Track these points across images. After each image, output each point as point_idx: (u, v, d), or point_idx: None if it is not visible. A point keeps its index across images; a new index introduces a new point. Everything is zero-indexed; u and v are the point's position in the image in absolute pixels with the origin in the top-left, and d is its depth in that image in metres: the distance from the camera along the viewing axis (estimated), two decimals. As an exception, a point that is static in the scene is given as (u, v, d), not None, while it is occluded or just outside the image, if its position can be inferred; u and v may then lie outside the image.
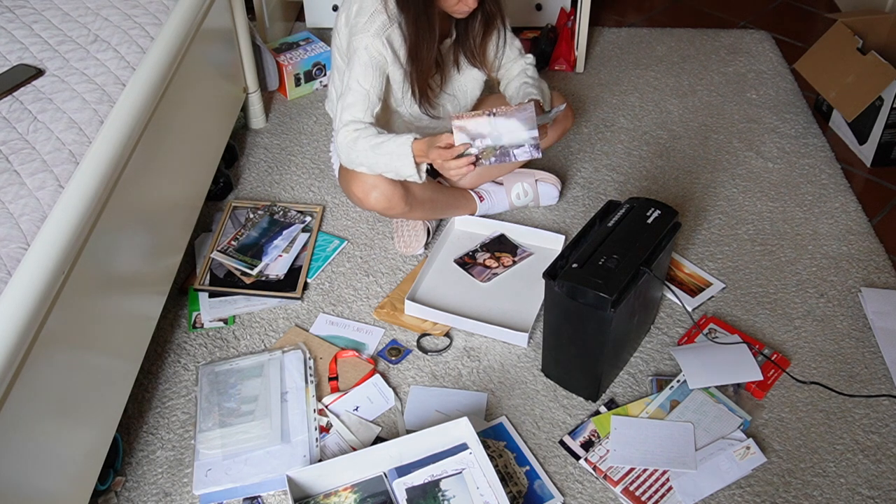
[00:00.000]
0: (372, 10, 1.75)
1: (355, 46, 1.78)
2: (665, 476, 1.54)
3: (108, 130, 1.48)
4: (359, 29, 1.77)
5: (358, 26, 1.77)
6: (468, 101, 2.03)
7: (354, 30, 1.78)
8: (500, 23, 1.91)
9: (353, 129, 1.78)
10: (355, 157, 1.79)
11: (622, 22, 3.02)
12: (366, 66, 1.77)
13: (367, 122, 1.79)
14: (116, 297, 1.50)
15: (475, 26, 1.89)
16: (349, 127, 1.79)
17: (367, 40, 1.75)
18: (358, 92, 1.78)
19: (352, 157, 1.80)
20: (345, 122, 1.79)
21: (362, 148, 1.77)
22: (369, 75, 1.77)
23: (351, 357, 1.78)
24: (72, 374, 1.31)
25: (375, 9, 1.75)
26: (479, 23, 1.89)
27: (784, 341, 1.81)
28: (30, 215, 1.30)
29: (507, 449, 1.60)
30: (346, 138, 1.78)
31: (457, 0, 1.72)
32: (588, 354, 1.61)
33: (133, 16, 1.81)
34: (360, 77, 1.78)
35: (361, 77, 1.78)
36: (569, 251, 1.63)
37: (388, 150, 1.75)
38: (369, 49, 1.76)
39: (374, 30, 1.75)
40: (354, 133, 1.78)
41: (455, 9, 1.75)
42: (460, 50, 1.92)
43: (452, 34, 1.89)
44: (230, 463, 1.55)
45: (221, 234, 2.06)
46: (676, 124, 2.48)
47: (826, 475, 1.56)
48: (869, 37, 2.34)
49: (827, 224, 2.11)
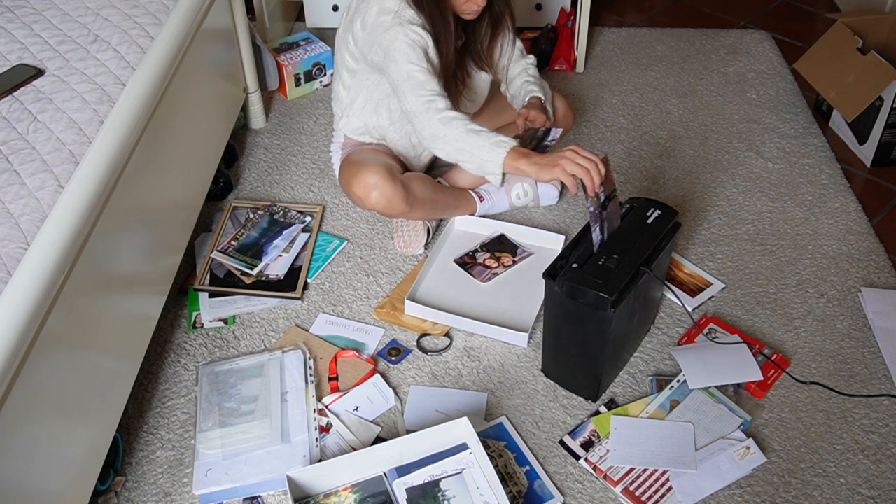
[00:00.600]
0: (396, 9, 1.75)
1: (390, 40, 1.74)
2: (665, 476, 1.54)
3: (108, 130, 1.48)
4: (388, 25, 1.74)
5: (385, 24, 1.75)
6: (481, 98, 2.06)
7: (382, 27, 1.75)
8: (508, 21, 1.91)
9: (444, 105, 1.71)
10: (442, 138, 1.71)
11: (622, 22, 3.02)
12: (413, 48, 1.73)
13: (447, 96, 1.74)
14: (116, 297, 1.50)
15: (482, 29, 1.90)
16: (437, 102, 1.71)
17: (404, 30, 1.73)
18: (420, 71, 1.73)
19: (437, 136, 1.71)
20: (427, 97, 1.71)
21: (456, 128, 1.69)
22: (419, 56, 1.73)
23: (351, 357, 1.78)
24: (72, 374, 1.31)
25: (399, 6, 1.75)
26: (486, 25, 1.90)
27: (784, 341, 1.81)
28: (30, 215, 1.30)
29: (507, 449, 1.60)
30: (439, 115, 1.70)
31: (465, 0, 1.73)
32: (588, 354, 1.61)
33: (133, 16, 1.81)
34: (413, 60, 1.73)
35: (415, 59, 1.73)
36: (569, 251, 1.63)
37: (484, 140, 1.67)
38: (409, 35, 1.73)
39: (406, 20, 1.74)
40: (449, 112, 1.71)
41: (464, 8, 1.75)
42: (468, 54, 1.93)
43: (462, 38, 1.90)
44: (230, 463, 1.55)
45: (221, 234, 2.06)
46: (676, 124, 2.48)
47: (826, 475, 1.56)
48: (869, 37, 2.34)
49: (827, 224, 2.11)
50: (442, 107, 1.72)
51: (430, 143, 1.75)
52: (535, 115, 1.90)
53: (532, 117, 1.90)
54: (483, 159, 1.67)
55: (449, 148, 1.72)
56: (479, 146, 1.67)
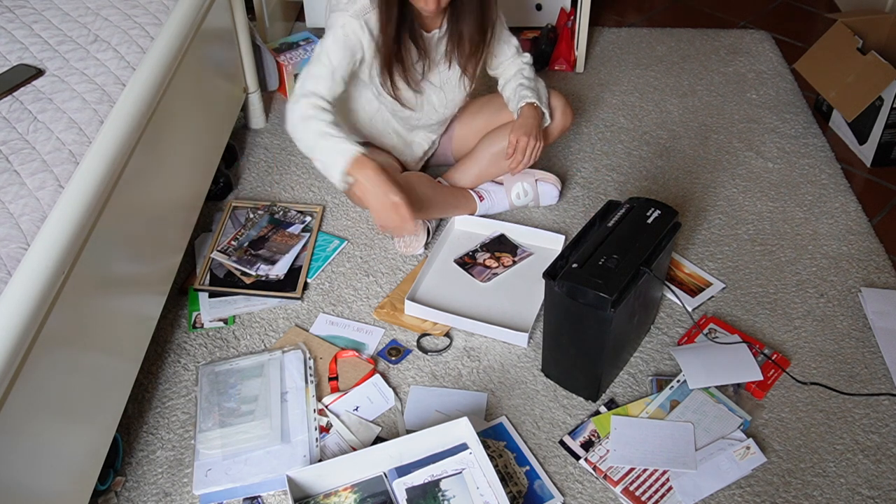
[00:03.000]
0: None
1: (332, 22, 1.77)
2: (665, 476, 1.54)
3: (108, 130, 1.48)
4: (340, 7, 1.77)
5: (339, 5, 1.77)
6: (457, 98, 2.01)
7: (336, 7, 1.78)
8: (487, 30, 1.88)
9: (311, 106, 1.74)
10: (299, 131, 1.75)
11: (622, 22, 3.02)
12: (339, 42, 1.76)
13: (327, 100, 1.77)
14: (116, 297, 1.51)
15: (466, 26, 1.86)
16: (310, 100, 1.75)
17: (345, 19, 1.75)
18: (326, 66, 1.77)
19: (297, 129, 1.76)
20: (307, 91, 1.76)
21: (312, 129, 1.73)
22: (339, 53, 1.76)
23: (351, 357, 1.78)
24: (72, 374, 1.31)
25: None
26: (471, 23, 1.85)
27: (784, 341, 1.81)
28: (30, 215, 1.30)
29: (507, 449, 1.60)
30: (303, 111, 1.74)
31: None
32: (588, 354, 1.61)
33: (133, 16, 1.81)
34: (330, 51, 1.76)
35: (332, 52, 1.76)
36: (569, 251, 1.63)
37: (331, 146, 1.72)
38: (345, 27, 1.75)
39: (353, 10, 1.75)
40: (312, 111, 1.74)
41: (419, 5, 1.74)
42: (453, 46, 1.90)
43: (443, 27, 1.87)
44: (230, 463, 1.55)
45: (221, 234, 2.06)
46: (676, 124, 2.48)
47: (826, 475, 1.56)
48: (869, 37, 2.34)
49: (827, 224, 2.11)
50: (310, 105, 1.74)
51: (290, 131, 1.79)
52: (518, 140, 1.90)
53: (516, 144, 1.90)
54: (328, 163, 1.73)
55: (298, 143, 1.78)
56: (328, 150, 1.72)
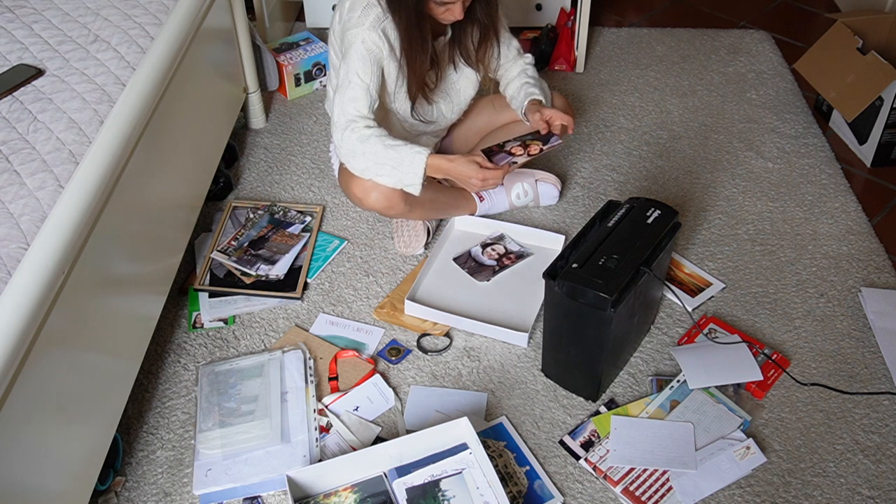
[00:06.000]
0: (365, 4, 1.75)
1: (351, 40, 1.76)
2: (665, 476, 1.54)
3: (108, 130, 1.48)
4: (353, 23, 1.76)
5: (352, 21, 1.76)
6: (462, 102, 2.02)
7: (348, 25, 1.77)
8: (492, 33, 1.90)
9: (363, 127, 1.75)
10: (360, 153, 1.76)
11: (622, 22, 3.02)
12: (363, 59, 1.76)
13: (372, 118, 1.77)
14: (116, 297, 1.50)
15: (471, 29, 1.88)
16: (358, 123, 1.76)
17: (363, 34, 1.75)
18: (359, 86, 1.76)
19: (356, 153, 1.76)
20: (351, 116, 1.77)
21: (374, 145, 1.74)
22: (367, 69, 1.76)
23: (351, 357, 1.78)
24: (72, 374, 1.31)
25: (368, 3, 1.75)
26: (474, 26, 1.88)
27: (784, 341, 1.81)
28: (30, 215, 1.30)
29: (507, 449, 1.60)
30: (359, 134, 1.75)
31: (443, 10, 1.73)
32: (588, 354, 1.61)
33: (133, 16, 1.81)
34: (359, 70, 1.76)
35: (361, 71, 1.76)
36: (569, 251, 1.63)
37: (400, 155, 1.73)
38: (366, 42, 1.75)
39: (368, 23, 1.74)
40: (367, 131, 1.75)
41: (442, 17, 1.75)
42: (456, 49, 1.91)
43: (448, 32, 1.88)
44: (230, 463, 1.55)
45: (221, 234, 2.06)
46: (676, 124, 2.48)
47: (826, 475, 1.56)
48: (869, 37, 2.34)
49: (827, 224, 2.11)
50: (361, 127, 1.76)
51: (347, 159, 1.79)
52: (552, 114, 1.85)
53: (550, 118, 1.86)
54: (403, 172, 1.75)
55: (362, 166, 1.78)
56: (398, 161, 1.74)
